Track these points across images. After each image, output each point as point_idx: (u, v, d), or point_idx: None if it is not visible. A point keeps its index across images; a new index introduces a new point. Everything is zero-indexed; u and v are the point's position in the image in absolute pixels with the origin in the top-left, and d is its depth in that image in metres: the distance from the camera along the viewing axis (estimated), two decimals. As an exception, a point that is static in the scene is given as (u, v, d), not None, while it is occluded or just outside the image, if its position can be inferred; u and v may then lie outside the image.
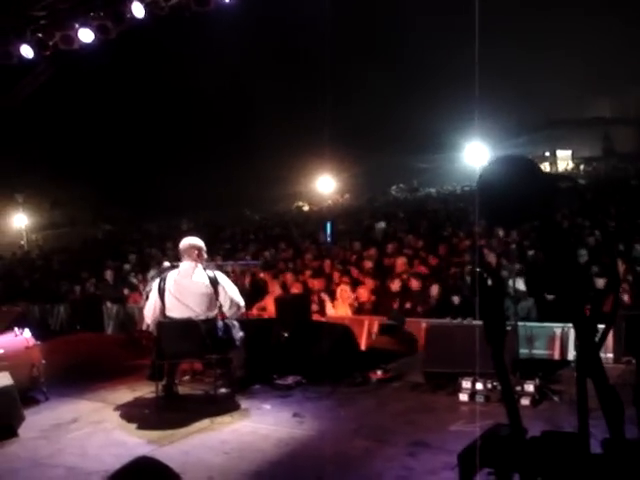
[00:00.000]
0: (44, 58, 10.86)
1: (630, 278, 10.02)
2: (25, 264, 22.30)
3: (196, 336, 7.72)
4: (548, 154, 43.60)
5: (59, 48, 10.32)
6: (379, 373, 8.60)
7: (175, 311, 7.91)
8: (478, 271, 4.14)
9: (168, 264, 8.43)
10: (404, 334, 9.86)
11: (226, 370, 8.27)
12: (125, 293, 14.36)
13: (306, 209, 34.11)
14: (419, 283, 11.32)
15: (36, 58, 10.61)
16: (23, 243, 31.24)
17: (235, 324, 8.17)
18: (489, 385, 7.45)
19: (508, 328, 7.46)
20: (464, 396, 7.49)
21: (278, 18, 31.59)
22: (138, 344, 11.12)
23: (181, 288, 7.95)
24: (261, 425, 7.17)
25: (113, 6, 9.74)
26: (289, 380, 8.48)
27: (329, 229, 19.17)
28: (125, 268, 16.63)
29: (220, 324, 7.99)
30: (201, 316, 7.86)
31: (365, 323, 10.70)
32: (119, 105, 35.34)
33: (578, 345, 4.12)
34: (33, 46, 10.35)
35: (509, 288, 9.19)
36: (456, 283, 11.41)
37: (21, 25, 10.25)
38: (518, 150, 36.04)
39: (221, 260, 13.46)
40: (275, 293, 11.91)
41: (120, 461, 2.62)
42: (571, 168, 41.39)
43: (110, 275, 15.63)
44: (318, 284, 12.38)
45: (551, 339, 9.17)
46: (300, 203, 36.52)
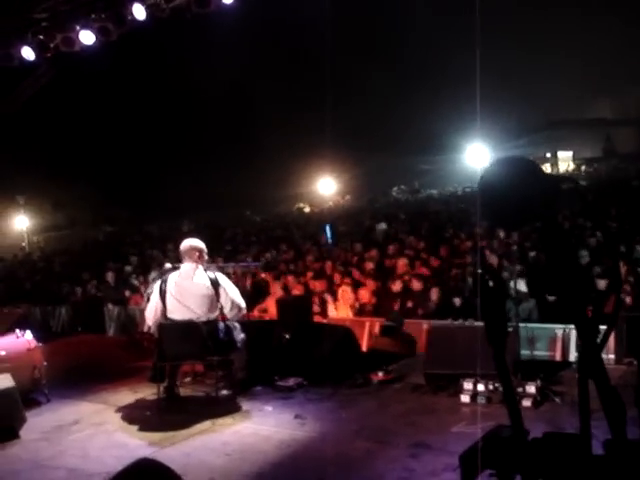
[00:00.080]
0: (45, 60, 10.86)
1: (631, 279, 10.01)
2: (26, 266, 22.30)
3: (197, 338, 7.72)
4: (549, 155, 43.65)
5: (60, 50, 10.32)
6: (380, 374, 8.59)
7: (176, 313, 7.91)
8: (479, 272, 4.14)
9: (169, 266, 8.43)
10: (403, 335, 9.85)
11: (227, 372, 8.27)
12: (126, 295, 14.36)
13: (307, 210, 34.11)
14: (420, 284, 11.32)
15: (37, 60, 10.61)
16: (24, 245, 31.23)
17: (236, 326, 8.17)
18: (490, 386, 7.44)
19: (509, 329, 7.45)
20: (465, 397, 7.49)
21: (279, 19, 31.62)
22: (139, 346, 11.12)
23: (182, 290, 7.95)
24: (262, 427, 7.17)
25: (114, 8, 9.73)
26: (290, 382, 8.48)
27: (329, 231, 19.17)
28: (126, 270, 16.62)
29: (221, 326, 7.98)
30: (202, 318, 7.86)
31: (366, 324, 10.69)
32: (120, 107, 35.37)
33: (580, 346, 4.12)
34: (34, 48, 10.35)
35: (510, 289, 9.18)
36: (457, 285, 11.40)
37: (22, 27, 10.25)
38: (519, 151, 36.09)
39: (222, 262, 13.45)
40: (276, 295, 11.90)
41: (121, 463, 2.63)
42: (572, 169, 41.41)
43: (111, 277, 15.64)
44: (319, 286, 12.38)
45: (552, 340, 9.16)
46: (301, 204, 36.53)
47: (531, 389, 7.27)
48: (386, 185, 39.88)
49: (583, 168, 40.67)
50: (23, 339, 8.46)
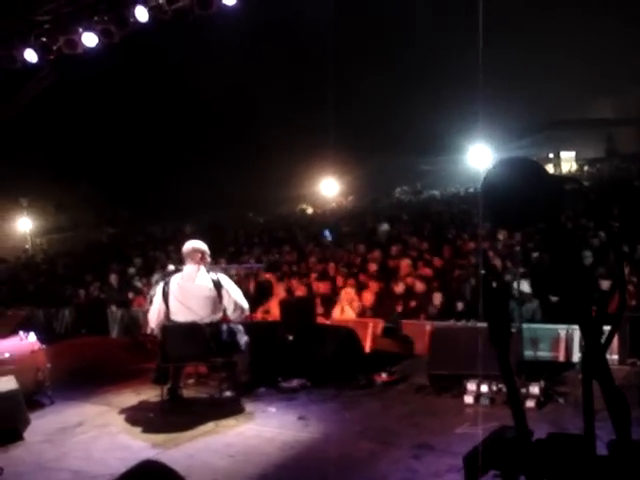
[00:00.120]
0: (48, 62, 10.88)
1: (635, 279, 9.98)
2: (30, 268, 22.32)
3: (201, 339, 7.72)
4: (551, 156, 43.62)
5: (63, 52, 10.33)
6: (384, 376, 8.59)
7: (179, 315, 7.91)
8: (482, 274, 4.13)
9: (172, 267, 8.43)
10: (402, 336, 9.89)
11: (231, 373, 8.26)
12: (130, 297, 14.36)
13: (310, 212, 34.10)
14: (423, 285, 11.30)
15: (40, 62, 10.62)
16: (28, 247, 31.27)
17: (240, 328, 8.17)
18: (494, 387, 7.44)
19: (513, 330, 7.45)
20: (469, 398, 7.48)
21: (280, 20, 31.65)
22: (143, 347, 11.12)
23: (185, 292, 7.95)
24: (266, 428, 7.17)
25: (117, 10, 9.74)
26: (294, 383, 8.48)
27: (329, 235, 19.22)
28: (129, 272, 16.63)
29: (224, 327, 7.98)
30: (205, 319, 7.86)
31: (369, 325, 10.69)
32: (123, 108, 35.40)
33: (584, 347, 4.11)
34: (37, 50, 10.36)
35: (514, 290, 9.17)
36: (460, 288, 11.37)
37: (25, 29, 10.27)
38: (521, 152, 36.06)
39: (225, 263, 13.45)
40: (279, 296, 11.90)
41: (125, 465, 2.62)
42: (575, 169, 41.37)
43: (115, 279, 15.64)
44: (323, 287, 12.37)
45: (556, 341, 9.14)
46: (304, 206, 36.53)
47: (535, 390, 7.26)
48: (389, 186, 39.88)
49: (586, 168, 40.63)
50: (27, 341, 8.47)
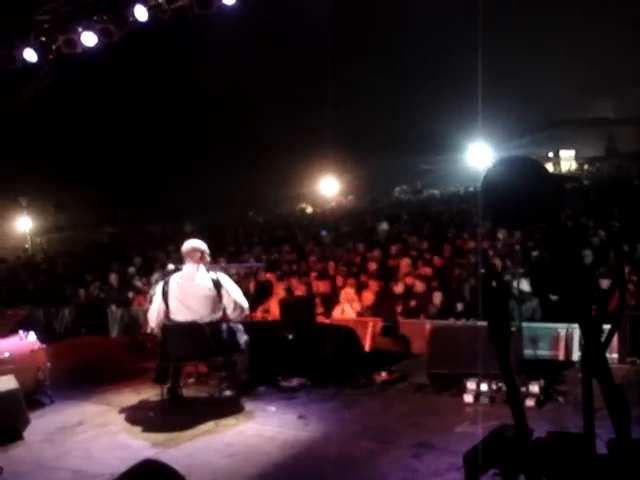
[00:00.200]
0: (47, 62, 10.87)
1: (635, 278, 9.99)
2: (29, 268, 22.31)
3: (201, 339, 7.72)
4: (551, 154, 43.64)
5: (62, 52, 10.33)
6: (383, 375, 8.59)
7: (179, 314, 7.91)
8: (482, 273, 4.14)
9: (172, 267, 8.43)
10: (400, 336, 9.91)
11: (231, 372, 8.26)
12: (130, 296, 14.36)
13: (309, 211, 34.09)
14: (423, 285, 11.29)
15: (39, 62, 10.62)
16: (27, 246, 31.26)
17: (240, 328, 8.17)
18: (494, 386, 7.44)
19: (512, 329, 7.45)
20: (469, 397, 7.48)
21: (280, 20, 31.64)
22: (143, 347, 11.12)
23: (184, 291, 7.95)
24: (266, 427, 7.17)
25: (116, 10, 9.74)
26: (294, 382, 8.48)
27: (326, 234, 19.26)
28: (129, 271, 16.63)
29: (224, 327, 7.99)
30: (205, 319, 7.86)
31: (369, 325, 10.69)
32: (122, 108, 35.38)
33: (584, 345, 4.11)
34: (36, 50, 10.36)
35: (513, 289, 9.18)
36: (459, 288, 11.36)
37: (24, 29, 10.26)
38: (521, 151, 36.06)
39: (225, 262, 13.45)
40: (279, 295, 11.90)
41: (125, 464, 2.63)
42: (574, 168, 41.37)
43: (114, 278, 15.63)
44: (323, 286, 12.37)
45: (555, 340, 9.14)
46: (303, 205, 36.52)
47: (534, 389, 7.27)
48: (388, 185, 39.88)
49: (585, 167, 40.63)
50: (27, 341, 8.48)
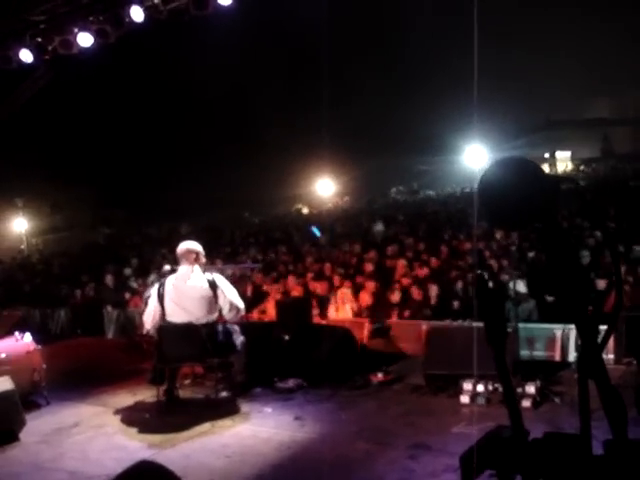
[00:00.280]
0: (43, 62, 10.86)
1: (631, 279, 10.00)
2: (25, 268, 22.27)
3: (197, 340, 7.71)
4: (547, 155, 43.71)
5: (58, 52, 10.32)
6: (380, 376, 8.60)
7: (175, 316, 7.90)
8: (478, 273, 4.13)
9: (168, 268, 8.42)
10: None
11: (227, 374, 8.27)
12: (126, 297, 14.32)
13: (306, 212, 34.08)
14: (421, 292, 11.23)
15: (35, 62, 10.61)
16: (23, 247, 31.20)
17: (236, 329, 8.17)
18: (490, 387, 7.45)
19: (509, 330, 7.45)
20: (465, 398, 7.49)
21: (277, 21, 31.65)
22: (139, 348, 11.10)
23: (180, 293, 7.94)
24: (262, 428, 7.17)
25: (112, 10, 9.72)
26: (290, 383, 8.48)
27: (317, 231, 19.27)
28: (125, 272, 16.60)
29: (220, 328, 7.98)
30: (201, 320, 7.85)
31: (365, 325, 10.69)
32: (118, 108, 35.35)
33: (580, 346, 4.12)
34: (32, 50, 10.34)
35: (510, 290, 9.18)
36: (455, 287, 11.33)
37: (20, 29, 10.25)
38: (517, 152, 36.09)
39: (221, 263, 13.44)
40: (275, 296, 11.89)
41: (121, 465, 2.62)
42: (570, 169, 41.44)
43: (110, 279, 15.60)
44: (320, 287, 12.35)
45: (551, 341, 9.15)
46: (299, 206, 36.50)
47: (531, 389, 7.28)
48: (385, 186, 39.88)
49: (581, 168, 40.69)
50: (22, 342, 8.46)
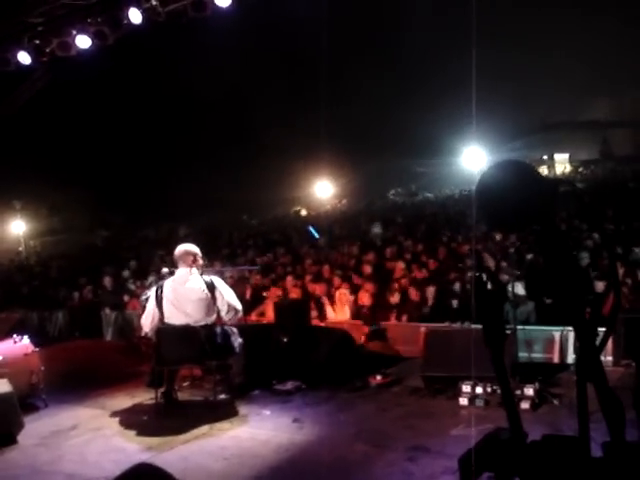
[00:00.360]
0: (41, 64, 10.87)
1: (629, 281, 10.00)
2: (23, 271, 22.25)
3: (195, 342, 7.71)
4: (545, 157, 43.68)
5: (56, 54, 10.32)
6: (378, 378, 8.60)
7: (173, 318, 7.90)
8: (477, 275, 4.14)
9: (167, 270, 8.42)
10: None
11: (225, 376, 8.26)
12: (125, 299, 14.30)
13: (304, 214, 34.07)
14: (419, 293, 11.23)
15: (33, 64, 10.62)
16: (21, 249, 31.17)
17: (234, 331, 8.16)
18: (489, 389, 7.45)
19: (507, 332, 7.45)
20: (464, 400, 7.49)
21: (276, 23, 31.62)
22: (137, 350, 11.09)
23: (178, 295, 7.93)
24: (261, 431, 7.16)
25: (110, 12, 9.74)
26: (288, 385, 8.47)
27: (314, 232, 19.29)
28: (124, 274, 16.59)
29: (219, 330, 7.97)
30: (200, 322, 7.85)
31: (361, 328, 10.67)
32: (116, 111, 35.33)
33: (578, 348, 4.11)
34: (30, 52, 10.36)
35: (508, 292, 9.18)
36: (453, 288, 11.33)
37: (18, 32, 10.27)
38: (515, 154, 36.12)
39: (220, 266, 13.43)
40: (274, 298, 11.88)
41: (120, 467, 2.62)
42: (569, 171, 41.43)
43: (109, 281, 15.58)
44: (318, 289, 12.34)
45: (550, 343, 9.15)
46: (298, 208, 36.49)
47: (529, 391, 7.28)
48: (383, 188, 39.85)
49: (580, 170, 40.69)
50: (20, 344, 8.45)
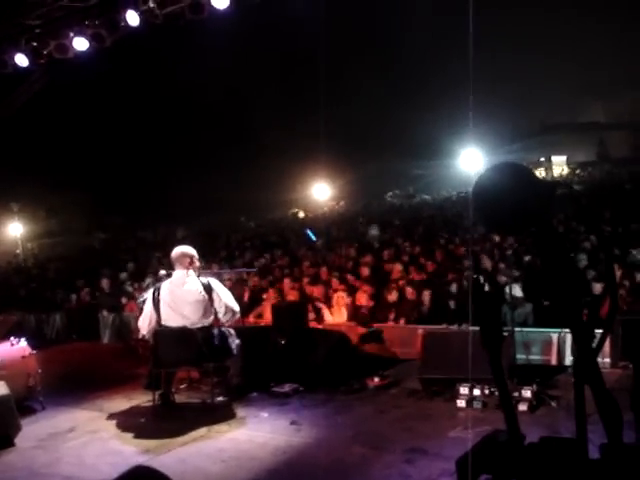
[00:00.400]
0: (39, 67, 10.87)
1: (627, 283, 10.00)
2: (21, 273, 22.22)
3: (192, 344, 7.70)
4: (543, 160, 43.72)
5: (54, 57, 10.32)
6: (376, 380, 8.59)
7: (171, 321, 7.89)
8: (474, 277, 4.14)
9: (164, 272, 8.42)
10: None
11: (223, 378, 8.26)
12: (123, 302, 14.28)
13: (302, 216, 34.06)
14: (414, 292, 11.26)
15: (31, 67, 10.62)
16: (19, 252, 31.13)
17: (232, 332, 8.16)
18: (486, 391, 7.45)
19: (505, 334, 7.46)
20: (461, 402, 7.48)
21: (274, 24, 31.65)
22: (134, 353, 11.09)
23: (175, 297, 7.93)
24: (258, 433, 7.15)
25: (108, 15, 9.73)
26: (286, 388, 8.46)
27: (311, 235, 19.31)
28: (121, 277, 16.57)
29: (216, 332, 7.97)
30: (197, 324, 7.84)
31: (356, 330, 10.67)
32: (114, 113, 35.33)
33: (575, 350, 4.12)
34: (28, 54, 10.35)
35: (506, 294, 9.18)
36: (450, 289, 11.34)
37: (16, 34, 10.26)
38: (513, 156, 36.09)
39: (217, 268, 13.43)
40: (271, 300, 11.88)
41: (117, 470, 2.62)
42: (566, 173, 41.45)
43: (106, 283, 15.56)
44: (316, 291, 12.34)
45: (548, 345, 9.16)
46: (295, 210, 36.49)
47: (527, 393, 7.28)
48: (381, 190, 39.87)
49: (577, 172, 40.71)
50: (18, 346, 8.43)
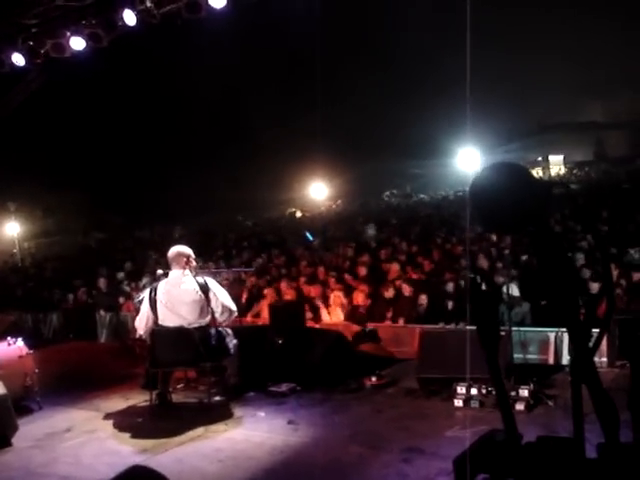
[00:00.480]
0: (35, 66, 10.85)
1: (624, 283, 10.00)
2: (18, 272, 22.20)
3: (189, 344, 7.69)
4: (540, 159, 43.81)
5: (50, 56, 10.30)
6: (373, 379, 8.59)
7: (168, 320, 7.88)
8: (471, 277, 4.14)
9: (161, 272, 8.41)
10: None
11: (220, 378, 8.24)
12: (120, 301, 14.26)
13: (299, 215, 34.07)
14: (411, 289, 11.26)
15: (27, 66, 10.60)
16: (15, 251, 31.09)
17: (229, 332, 8.16)
18: (484, 390, 7.45)
19: (502, 333, 7.46)
20: (459, 402, 7.48)
21: (271, 24, 31.65)
22: (131, 352, 11.07)
23: (172, 297, 7.92)
24: (255, 433, 7.15)
25: (104, 14, 9.71)
26: (283, 387, 8.46)
27: (309, 236, 19.35)
28: (118, 276, 16.55)
29: (213, 332, 7.97)
30: (194, 324, 7.84)
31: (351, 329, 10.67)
32: (112, 112, 35.31)
33: (572, 350, 4.12)
34: (24, 54, 10.33)
35: (503, 294, 9.18)
36: (447, 289, 11.33)
37: (12, 33, 10.23)
38: (510, 155, 36.20)
39: (214, 267, 13.41)
40: (269, 300, 11.87)
41: (114, 470, 2.62)
42: (563, 173, 41.51)
43: (103, 283, 15.54)
44: (313, 291, 12.33)
45: (545, 344, 9.16)
46: (293, 209, 36.49)
47: (524, 393, 7.28)
48: (378, 190, 39.89)
49: (574, 172, 40.78)
50: (15, 346, 8.41)
